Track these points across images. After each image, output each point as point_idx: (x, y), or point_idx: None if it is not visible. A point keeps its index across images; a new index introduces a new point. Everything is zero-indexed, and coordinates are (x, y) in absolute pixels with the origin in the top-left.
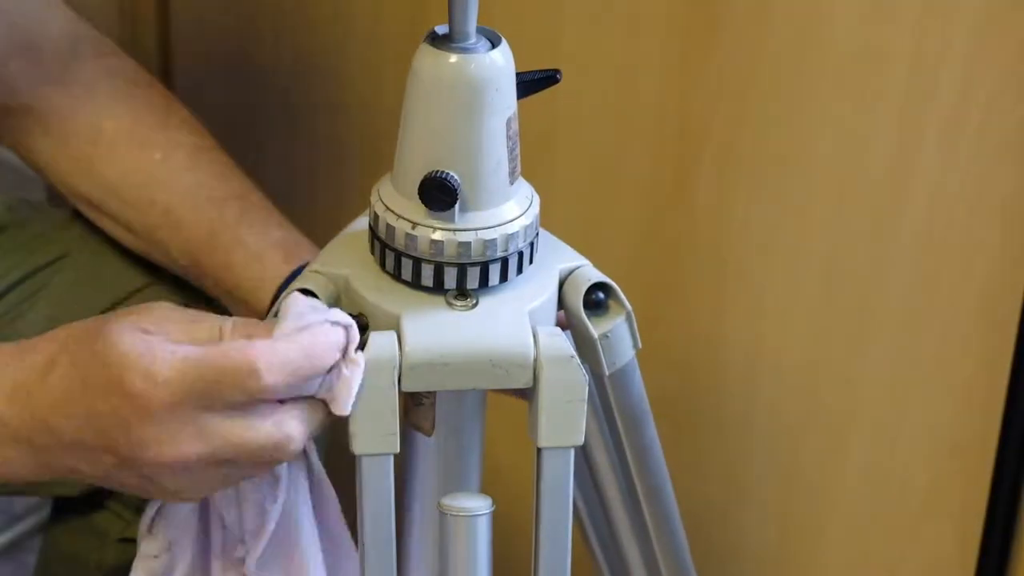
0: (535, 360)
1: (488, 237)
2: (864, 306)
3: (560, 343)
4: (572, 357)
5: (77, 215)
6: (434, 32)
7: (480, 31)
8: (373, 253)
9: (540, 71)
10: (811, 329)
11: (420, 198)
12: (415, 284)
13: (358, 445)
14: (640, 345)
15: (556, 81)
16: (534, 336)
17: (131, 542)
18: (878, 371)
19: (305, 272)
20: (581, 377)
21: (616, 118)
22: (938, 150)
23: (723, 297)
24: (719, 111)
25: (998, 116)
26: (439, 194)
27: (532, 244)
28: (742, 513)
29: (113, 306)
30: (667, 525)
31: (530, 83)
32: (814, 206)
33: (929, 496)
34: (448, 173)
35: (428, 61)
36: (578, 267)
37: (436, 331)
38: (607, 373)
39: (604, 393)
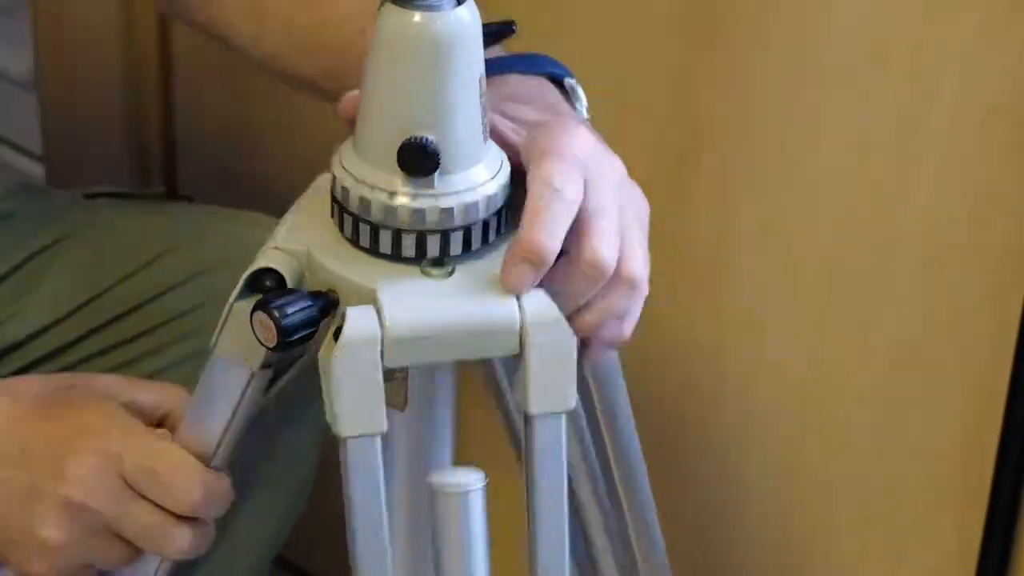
0: (520, 325)
1: (469, 200)
2: (864, 306)
3: (545, 305)
4: (558, 319)
5: (78, 197)
6: None
7: None
8: (341, 228)
9: (495, 24)
10: (811, 329)
11: (400, 165)
12: (394, 256)
13: (343, 427)
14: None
15: (513, 32)
16: (518, 300)
17: None
18: (878, 371)
19: (264, 249)
20: (569, 338)
21: (616, 118)
22: (938, 150)
23: (723, 297)
24: (719, 111)
25: (998, 116)
26: (422, 159)
27: (507, 206)
28: (741, 513)
29: (120, 281)
30: (646, 532)
31: (486, 36)
32: (814, 206)
33: (929, 496)
34: (427, 138)
35: (394, 20)
36: None
37: (416, 303)
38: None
39: (587, 390)
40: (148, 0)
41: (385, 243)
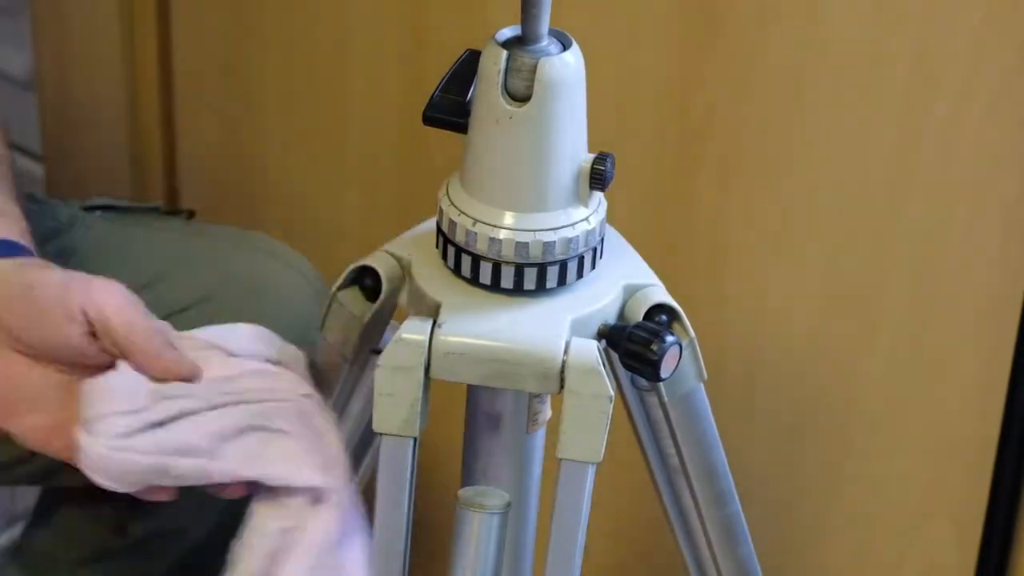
0: (562, 369)
1: (547, 239)
2: (864, 306)
3: (589, 354)
4: (598, 370)
5: (77, 210)
6: (511, 38)
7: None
8: (437, 247)
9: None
10: (811, 329)
11: (592, 182)
12: (473, 280)
13: (378, 423)
14: (706, 377)
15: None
16: (566, 344)
17: (125, 531)
18: (878, 371)
19: (376, 252)
20: (606, 391)
21: (616, 117)
22: (938, 150)
23: (723, 297)
24: (719, 111)
25: (998, 116)
26: (611, 171)
27: (595, 251)
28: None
29: None
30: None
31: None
32: (814, 206)
33: (929, 496)
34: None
35: (553, 63)
36: (647, 286)
37: (472, 324)
38: (667, 399)
39: (668, 419)
40: (148, 0)
41: (466, 266)
